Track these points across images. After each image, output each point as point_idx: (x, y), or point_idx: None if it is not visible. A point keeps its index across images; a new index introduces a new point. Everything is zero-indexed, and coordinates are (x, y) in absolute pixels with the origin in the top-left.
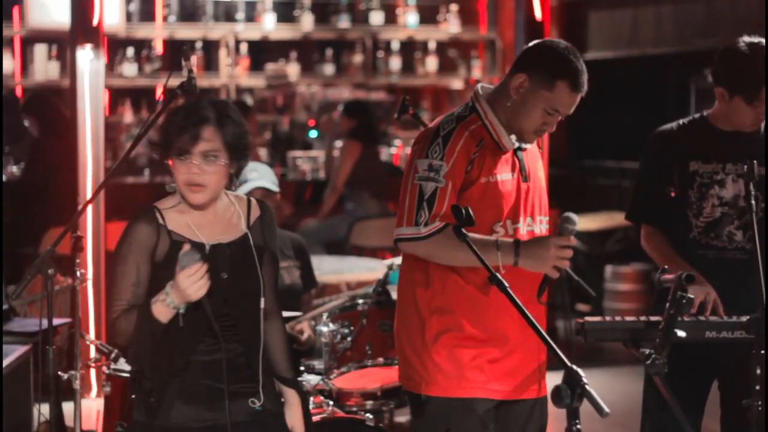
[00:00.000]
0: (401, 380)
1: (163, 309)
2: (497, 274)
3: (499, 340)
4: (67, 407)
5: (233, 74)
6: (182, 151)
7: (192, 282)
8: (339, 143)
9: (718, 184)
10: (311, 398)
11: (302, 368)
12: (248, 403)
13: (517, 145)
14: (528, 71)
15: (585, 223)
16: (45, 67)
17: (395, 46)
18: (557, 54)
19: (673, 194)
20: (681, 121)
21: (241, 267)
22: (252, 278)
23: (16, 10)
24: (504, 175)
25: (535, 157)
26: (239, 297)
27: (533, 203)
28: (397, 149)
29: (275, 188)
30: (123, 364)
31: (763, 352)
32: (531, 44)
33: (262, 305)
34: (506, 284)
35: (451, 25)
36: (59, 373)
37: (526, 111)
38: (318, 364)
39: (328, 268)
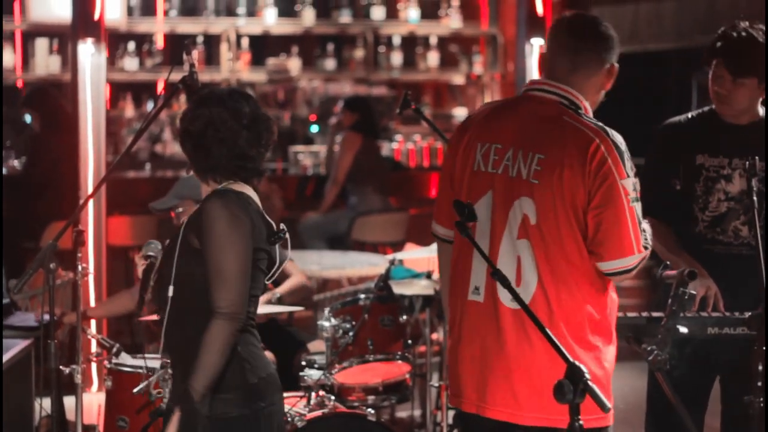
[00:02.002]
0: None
1: None
2: (499, 270)
3: None
4: (69, 401)
5: (234, 69)
6: None
7: None
8: (340, 138)
9: (724, 178)
10: (312, 393)
11: (304, 363)
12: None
13: None
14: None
15: None
16: (46, 62)
17: (396, 41)
18: None
19: (678, 187)
20: (689, 114)
21: (167, 258)
22: (167, 269)
23: (17, 4)
24: None
25: None
26: (161, 287)
27: None
28: (398, 144)
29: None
30: (124, 359)
31: (764, 348)
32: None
33: (170, 293)
34: (508, 279)
35: (452, 20)
36: (61, 367)
37: None
38: (320, 359)
39: (329, 263)
